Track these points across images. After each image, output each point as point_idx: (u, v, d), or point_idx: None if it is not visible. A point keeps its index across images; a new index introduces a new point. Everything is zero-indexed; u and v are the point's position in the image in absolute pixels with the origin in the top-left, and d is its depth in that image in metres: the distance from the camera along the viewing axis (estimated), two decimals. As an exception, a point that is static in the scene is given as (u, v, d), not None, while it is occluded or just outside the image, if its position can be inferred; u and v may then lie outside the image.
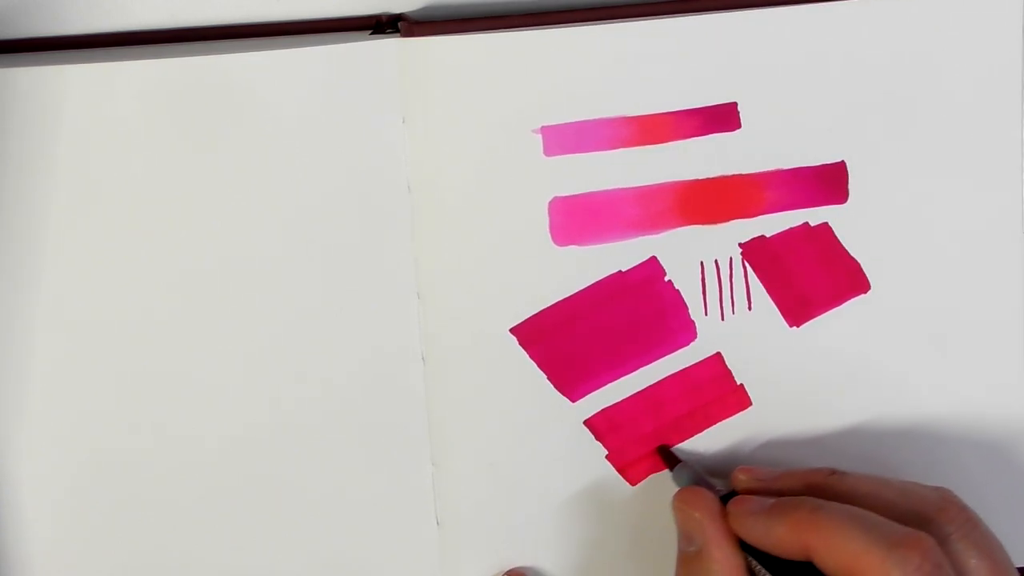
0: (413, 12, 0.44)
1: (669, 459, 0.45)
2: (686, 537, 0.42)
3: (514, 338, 0.44)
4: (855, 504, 0.39)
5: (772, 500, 0.41)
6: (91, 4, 0.43)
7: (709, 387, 0.45)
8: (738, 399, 0.46)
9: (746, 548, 0.41)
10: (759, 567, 0.40)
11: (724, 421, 0.46)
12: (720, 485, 0.44)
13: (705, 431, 0.46)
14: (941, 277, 0.46)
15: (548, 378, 0.44)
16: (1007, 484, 0.47)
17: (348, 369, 0.44)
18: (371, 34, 0.43)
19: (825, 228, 0.45)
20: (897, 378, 0.46)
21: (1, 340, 0.42)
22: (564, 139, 0.43)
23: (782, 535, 0.39)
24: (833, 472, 0.42)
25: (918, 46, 0.44)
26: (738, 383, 0.45)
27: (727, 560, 0.40)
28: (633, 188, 0.44)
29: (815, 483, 0.42)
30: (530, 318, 0.44)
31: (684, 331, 0.45)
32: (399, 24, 0.43)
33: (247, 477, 0.44)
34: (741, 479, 0.43)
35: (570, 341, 0.44)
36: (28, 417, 0.43)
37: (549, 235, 0.44)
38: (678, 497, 0.43)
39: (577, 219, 0.44)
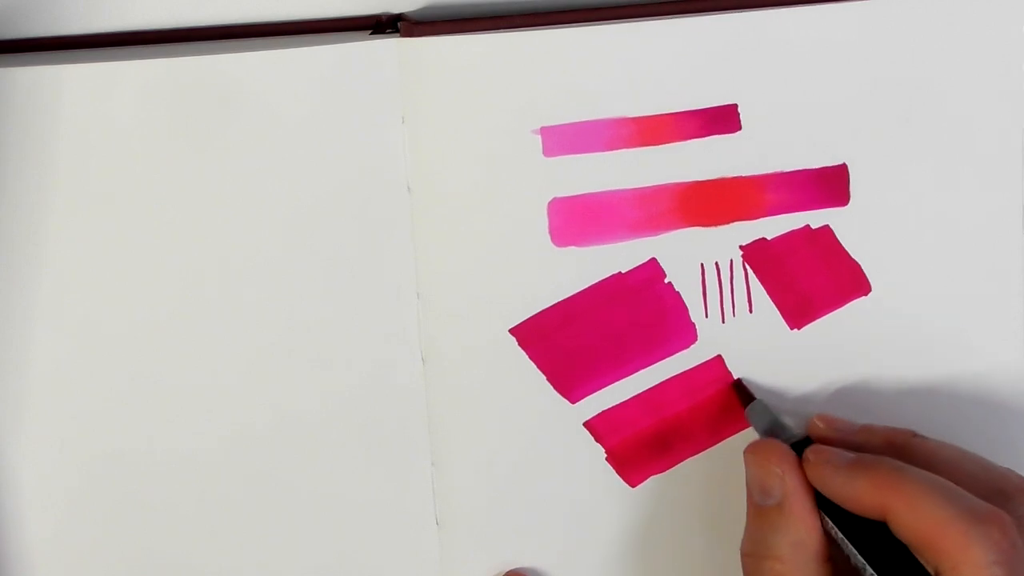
0: (413, 12, 0.44)
1: (744, 395, 0.45)
2: (762, 490, 0.41)
3: (514, 338, 0.44)
4: (934, 471, 0.39)
5: (852, 454, 0.40)
6: (91, 4, 0.43)
7: (710, 389, 0.45)
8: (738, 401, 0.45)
9: (821, 504, 0.40)
10: (832, 525, 0.40)
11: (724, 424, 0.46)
12: (793, 427, 0.43)
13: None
14: (942, 279, 0.45)
15: (548, 379, 0.44)
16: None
17: (348, 369, 0.44)
18: (371, 34, 0.43)
19: (826, 230, 0.45)
20: (897, 380, 0.46)
21: (1, 340, 0.42)
22: (564, 140, 0.43)
23: (861, 491, 0.39)
24: (915, 435, 0.42)
25: (919, 48, 0.44)
26: (739, 385, 0.46)
27: (807, 516, 0.40)
28: (633, 189, 0.44)
29: (896, 442, 0.42)
30: (530, 319, 0.44)
31: (684, 333, 0.45)
32: (399, 24, 0.43)
33: (247, 477, 0.44)
34: (819, 427, 0.43)
35: (570, 342, 0.44)
36: (28, 418, 0.43)
37: (549, 236, 0.44)
38: (753, 450, 0.42)
39: (577, 220, 0.43)
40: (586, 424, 0.45)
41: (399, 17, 0.44)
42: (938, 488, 0.38)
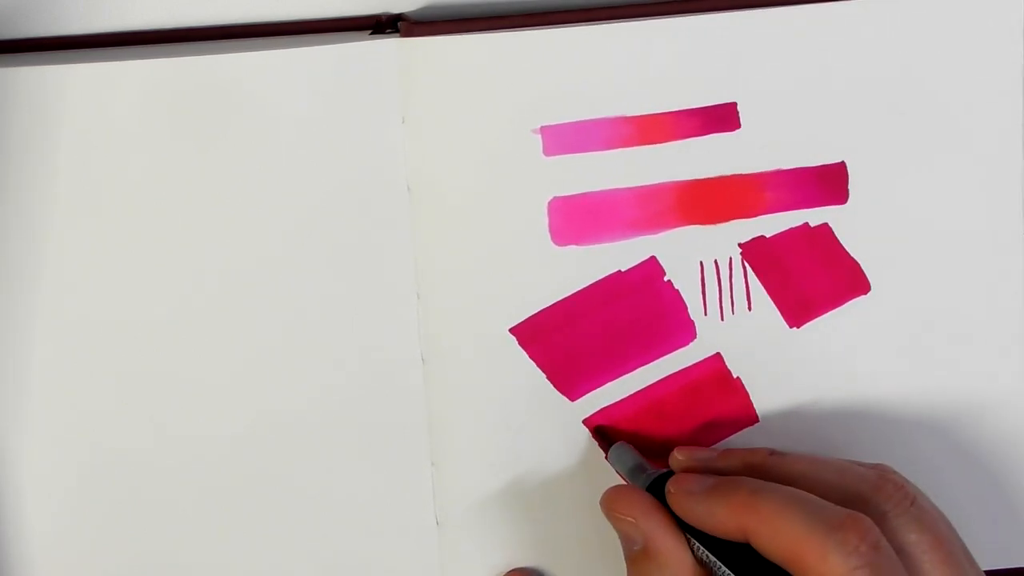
0: (413, 12, 0.44)
1: (604, 440, 0.45)
2: (624, 538, 0.41)
3: (514, 338, 0.44)
4: (793, 484, 0.39)
5: (712, 479, 0.40)
6: (91, 4, 0.43)
7: (708, 387, 0.45)
8: (737, 399, 0.46)
9: (688, 530, 0.40)
10: (703, 550, 0.40)
11: (723, 422, 0.46)
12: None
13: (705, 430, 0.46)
14: (941, 278, 0.45)
15: (548, 377, 0.44)
16: (1008, 480, 0.47)
17: (348, 369, 0.44)
18: (371, 34, 0.43)
19: (825, 229, 0.45)
20: (898, 379, 0.46)
21: (2, 339, 0.42)
22: (564, 139, 0.43)
23: (721, 517, 0.39)
24: (772, 452, 0.42)
25: (918, 46, 0.44)
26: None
27: (672, 552, 0.40)
28: (633, 188, 0.44)
29: (754, 463, 0.42)
30: (530, 318, 0.44)
31: (683, 331, 0.45)
32: (399, 24, 0.43)
33: (247, 477, 0.44)
34: (679, 459, 0.43)
35: (570, 341, 0.44)
36: (29, 417, 0.43)
37: (549, 235, 0.44)
38: (604, 504, 0.42)
39: (576, 219, 0.44)
40: (585, 422, 0.45)
41: (399, 17, 0.44)
42: (793, 503, 0.37)
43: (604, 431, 0.45)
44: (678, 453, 0.43)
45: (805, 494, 0.38)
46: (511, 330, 0.44)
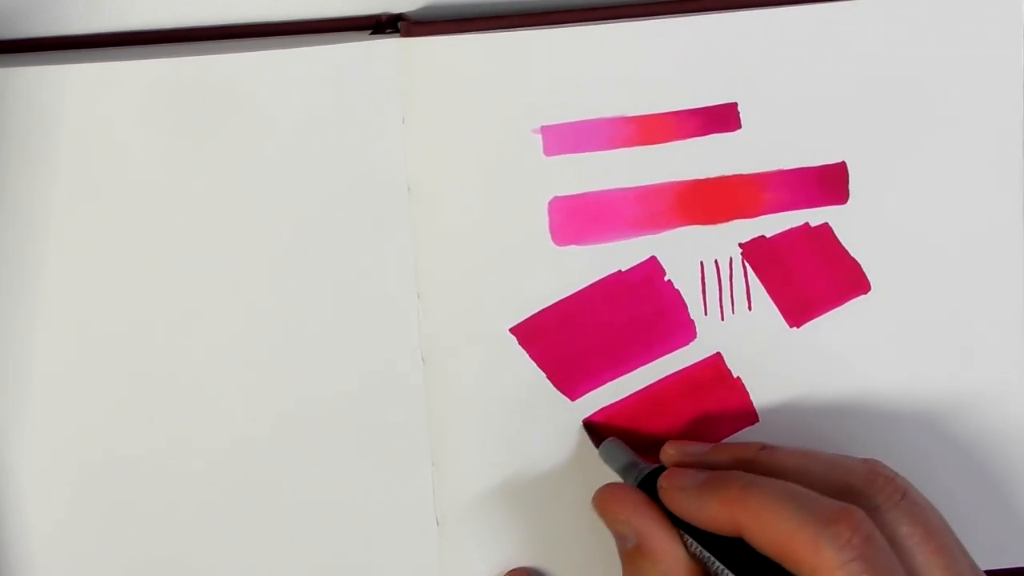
0: (413, 12, 0.44)
1: (594, 435, 0.45)
2: (618, 536, 0.41)
3: (514, 338, 0.44)
4: (785, 478, 0.39)
5: (704, 474, 0.40)
6: (91, 4, 0.43)
7: (709, 387, 0.45)
8: (737, 399, 0.46)
9: (680, 525, 0.40)
10: (696, 545, 0.40)
11: (723, 422, 0.46)
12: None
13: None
14: (941, 278, 0.46)
15: (548, 377, 0.44)
16: (1006, 480, 0.47)
17: (348, 369, 0.44)
18: (371, 34, 0.43)
19: (825, 228, 0.45)
20: (897, 378, 0.46)
21: (2, 341, 0.42)
22: (564, 139, 0.43)
23: (713, 512, 0.39)
24: (763, 447, 0.42)
25: (919, 46, 0.44)
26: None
27: (666, 549, 0.40)
28: (633, 188, 0.44)
29: (745, 458, 0.42)
30: (530, 318, 0.44)
31: (684, 331, 0.45)
32: (399, 24, 0.43)
33: (247, 477, 0.44)
34: (670, 453, 0.43)
35: (570, 341, 0.44)
36: (29, 418, 0.43)
37: (549, 235, 0.44)
38: (596, 503, 0.42)
39: (577, 219, 0.44)
40: (585, 421, 0.45)
41: (399, 17, 0.44)
42: (785, 497, 0.37)
43: (594, 427, 0.45)
44: (669, 448, 0.43)
45: (797, 488, 0.38)
46: (511, 330, 0.44)
